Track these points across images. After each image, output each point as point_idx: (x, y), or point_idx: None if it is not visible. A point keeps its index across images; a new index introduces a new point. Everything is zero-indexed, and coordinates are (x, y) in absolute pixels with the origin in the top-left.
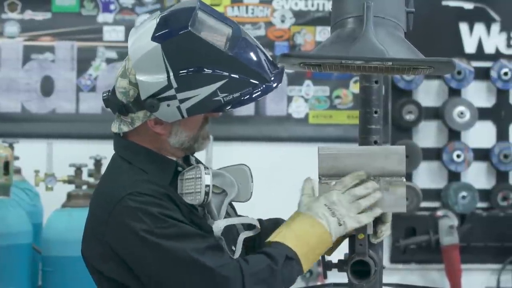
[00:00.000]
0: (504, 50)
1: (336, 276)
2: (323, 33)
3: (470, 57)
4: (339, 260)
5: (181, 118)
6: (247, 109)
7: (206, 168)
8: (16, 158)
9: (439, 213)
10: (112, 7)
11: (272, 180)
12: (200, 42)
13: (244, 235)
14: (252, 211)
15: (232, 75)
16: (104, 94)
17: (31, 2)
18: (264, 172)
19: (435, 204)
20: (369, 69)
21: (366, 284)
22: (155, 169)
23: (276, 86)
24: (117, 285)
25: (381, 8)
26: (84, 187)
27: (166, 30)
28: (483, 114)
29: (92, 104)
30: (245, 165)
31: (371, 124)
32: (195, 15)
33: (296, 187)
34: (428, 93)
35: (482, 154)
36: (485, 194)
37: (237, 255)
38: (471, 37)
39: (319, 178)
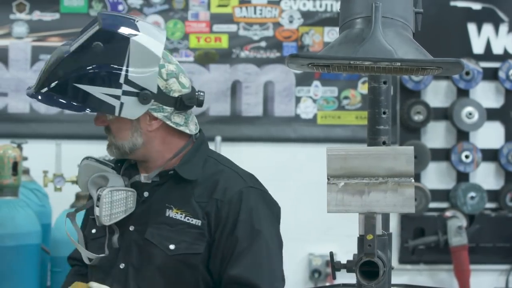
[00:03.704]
0: None
1: (345, 277)
2: (331, 34)
3: (478, 58)
4: (347, 261)
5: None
6: (256, 110)
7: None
8: (25, 158)
9: (448, 213)
10: (120, 7)
11: (280, 180)
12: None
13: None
14: None
15: None
16: None
17: (40, 3)
18: (272, 172)
19: (444, 204)
20: (378, 70)
21: (375, 284)
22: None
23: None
24: None
25: (390, 9)
26: None
27: None
28: (491, 114)
29: None
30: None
31: (379, 125)
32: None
33: (304, 187)
34: (437, 93)
35: (490, 155)
36: (493, 195)
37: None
38: (479, 37)
39: (328, 178)
